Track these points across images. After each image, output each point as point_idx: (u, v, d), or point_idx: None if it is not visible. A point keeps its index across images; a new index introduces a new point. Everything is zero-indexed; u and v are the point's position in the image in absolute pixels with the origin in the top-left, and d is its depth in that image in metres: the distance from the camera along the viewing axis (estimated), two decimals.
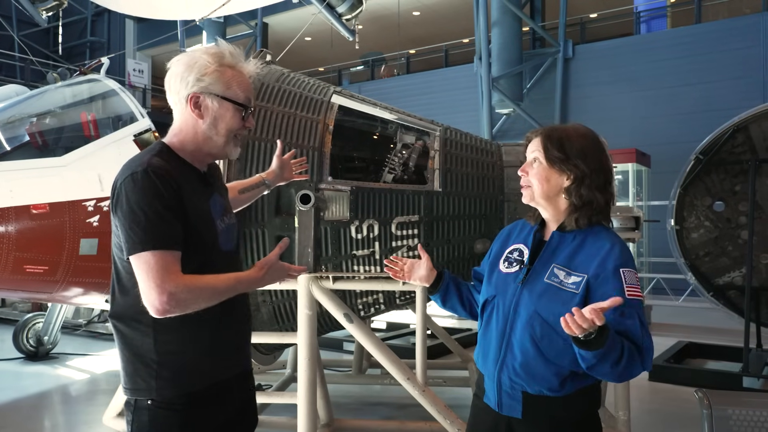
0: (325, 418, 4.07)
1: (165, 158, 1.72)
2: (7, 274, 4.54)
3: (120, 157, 5.12)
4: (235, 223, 1.93)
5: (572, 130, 1.86)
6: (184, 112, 1.78)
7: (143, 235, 1.58)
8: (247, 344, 1.95)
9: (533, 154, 1.86)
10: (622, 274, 1.70)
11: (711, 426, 2.05)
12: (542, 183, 1.82)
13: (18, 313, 8.45)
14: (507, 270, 1.87)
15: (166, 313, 1.58)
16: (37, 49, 15.88)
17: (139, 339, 1.69)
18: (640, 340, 1.65)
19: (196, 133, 1.78)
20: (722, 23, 13.90)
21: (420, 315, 3.63)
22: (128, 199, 1.61)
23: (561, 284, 1.74)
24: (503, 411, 1.80)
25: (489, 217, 3.77)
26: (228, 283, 1.68)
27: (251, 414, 1.97)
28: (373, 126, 4.07)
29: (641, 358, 1.64)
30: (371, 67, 20.88)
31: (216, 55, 1.76)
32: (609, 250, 1.74)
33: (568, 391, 1.75)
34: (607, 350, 1.56)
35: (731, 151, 6.35)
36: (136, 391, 1.69)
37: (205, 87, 1.74)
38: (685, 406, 5.04)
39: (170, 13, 8.87)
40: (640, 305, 1.70)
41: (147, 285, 1.57)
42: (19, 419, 4.78)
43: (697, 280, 6.65)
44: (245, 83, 1.80)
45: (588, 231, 1.81)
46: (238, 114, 1.78)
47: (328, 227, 3.55)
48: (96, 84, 5.81)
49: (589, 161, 1.80)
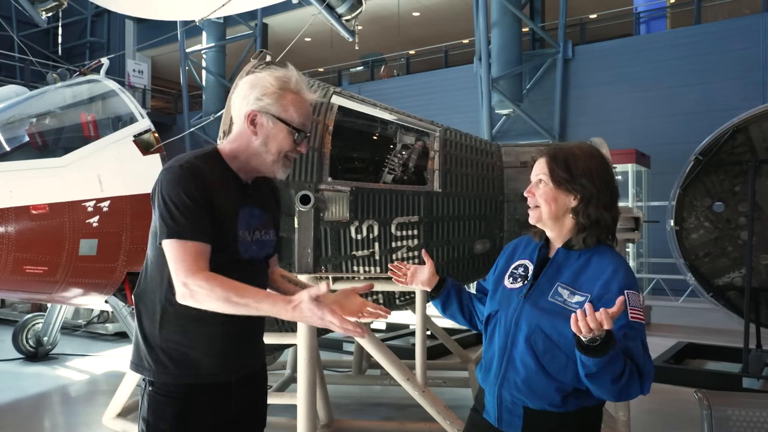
0: (324, 419, 4.07)
1: (207, 161, 1.83)
2: (7, 275, 4.54)
3: (120, 157, 5.13)
4: (273, 240, 1.96)
5: (577, 149, 1.85)
6: (241, 127, 1.86)
7: (173, 225, 1.70)
8: (255, 348, 1.94)
9: (538, 176, 1.85)
10: (626, 296, 1.68)
11: (711, 427, 2.04)
12: (550, 204, 1.81)
13: (17, 314, 8.44)
14: (512, 285, 1.88)
15: (183, 300, 1.68)
16: (36, 50, 15.87)
17: (148, 324, 1.80)
18: (642, 363, 1.64)
19: (249, 147, 1.85)
20: (722, 24, 13.91)
21: (420, 316, 3.64)
22: (161, 190, 1.74)
23: (565, 304, 1.74)
24: (503, 427, 1.80)
25: (489, 218, 3.77)
26: (247, 296, 1.64)
27: (257, 418, 1.97)
28: (372, 127, 4.07)
29: (641, 380, 1.63)
30: (371, 67, 20.88)
31: (280, 78, 1.84)
32: (614, 272, 1.74)
33: (570, 408, 1.74)
34: (609, 360, 1.54)
35: (731, 151, 6.35)
36: (138, 367, 1.81)
37: (264, 106, 1.82)
38: (685, 407, 5.03)
39: (170, 13, 8.87)
40: (643, 328, 1.69)
41: (173, 271, 1.69)
42: (19, 420, 4.77)
43: (697, 281, 6.65)
44: (303, 109, 1.86)
45: (593, 250, 1.80)
46: (290, 136, 1.84)
47: (328, 228, 3.55)
48: (96, 85, 5.81)
49: (596, 180, 1.79)
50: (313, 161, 3.56)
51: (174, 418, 1.76)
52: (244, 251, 1.83)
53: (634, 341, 1.65)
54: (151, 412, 1.77)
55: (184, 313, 1.73)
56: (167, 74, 25.49)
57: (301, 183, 3.52)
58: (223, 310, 1.65)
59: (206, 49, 20.44)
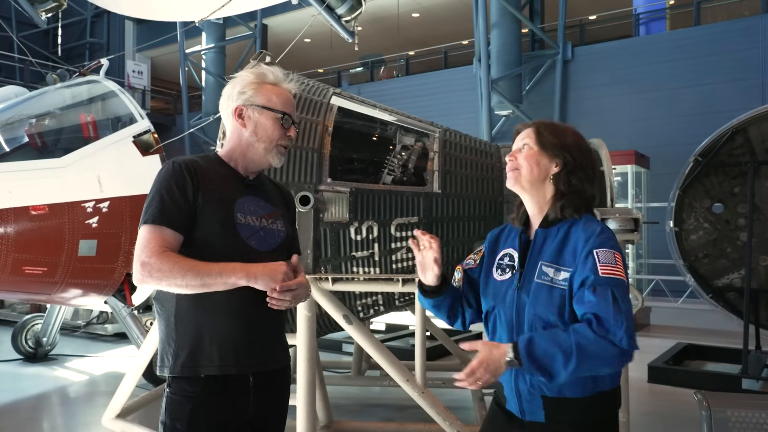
0: (324, 420, 4.07)
1: (205, 159, 1.92)
2: (6, 275, 4.54)
3: (119, 158, 5.13)
4: (283, 231, 1.96)
5: (564, 126, 1.88)
6: (232, 125, 1.95)
7: (145, 212, 1.79)
8: (272, 344, 1.92)
9: (523, 141, 1.85)
10: (595, 255, 1.66)
11: (710, 428, 2.04)
12: (532, 166, 1.80)
13: (17, 315, 8.44)
14: (501, 278, 1.85)
15: (141, 282, 1.74)
16: (36, 51, 15.82)
17: (166, 322, 1.85)
18: (606, 316, 1.58)
19: (241, 141, 1.93)
20: (721, 25, 13.92)
21: (419, 316, 3.64)
22: (153, 183, 1.84)
23: (552, 282, 1.72)
24: (526, 417, 1.79)
25: (488, 219, 3.77)
26: (210, 268, 1.71)
27: (275, 418, 1.95)
28: (372, 127, 4.07)
29: (608, 333, 1.56)
30: (370, 68, 20.89)
31: (258, 73, 1.95)
32: (587, 238, 1.71)
33: (588, 393, 1.73)
34: (529, 364, 1.58)
35: (730, 153, 6.36)
36: (162, 367, 1.86)
37: (247, 99, 1.92)
38: (684, 408, 5.03)
39: (170, 14, 8.87)
40: (619, 284, 1.63)
41: (135, 253, 1.76)
42: (18, 421, 4.77)
43: (696, 282, 6.65)
44: (285, 96, 1.95)
45: (570, 222, 1.78)
46: (278, 123, 1.92)
47: (328, 228, 3.55)
48: (95, 85, 5.81)
49: (582, 155, 1.81)
50: (312, 162, 3.56)
51: (189, 416, 1.78)
52: (247, 235, 1.84)
53: (601, 297, 1.60)
54: (168, 413, 1.81)
55: (197, 306, 1.79)
56: (167, 75, 25.50)
57: (300, 184, 3.52)
58: (191, 284, 1.70)
59: (206, 50, 20.45)
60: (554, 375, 1.60)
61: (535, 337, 1.62)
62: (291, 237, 2.00)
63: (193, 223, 1.80)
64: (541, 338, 1.62)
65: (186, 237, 1.79)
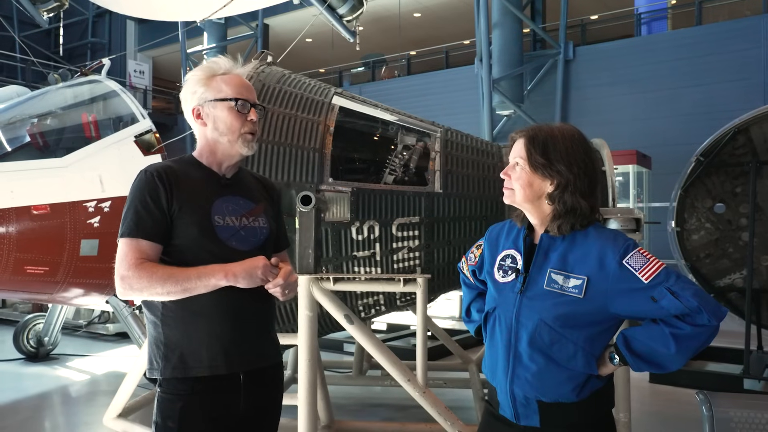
0: (325, 420, 4.07)
1: (180, 162, 1.92)
2: (8, 275, 4.54)
3: (121, 158, 5.13)
4: (266, 227, 1.95)
5: (558, 131, 1.79)
6: (196, 127, 1.94)
7: (121, 225, 1.81)
8: (260, 342, 1.92)
9: (515, 159, 1.81)
10: (627, 266, 1.66)
11: (712, 428, 2.04)
12: (524, 188, 1.78)
13: (18, 314, 8.44)
14: (503, 279, 1.83)
15: (123, 295, 1.77)
16: (38, 50, 15.86)
17: (154, 324, 1.86)
18: (687, 307, 1.64)
19: (207, 140, 1.93)
20: (723, 25, 13.91)
21: (420, 316, 3.63)
22: (128, 194, 1.84)
23: (562, 289, 1.71)
24: (521, 422, 1.78)
25: (490, 219, 3.76)
26: (189, 273, 1.74)
27: (268, 414, 1.96)
28: (373, 127, 4.07)
29: (694, 320, 1.66)
30: (372, 68, 20.90)
31: (206, 68, 1.94)
32: (602, 247, 1.71)
33: (584, 396, 1.73)
34: (635, 360, 1.70)
35: (732, 152, 6.35)
36: (151, 369, 1.86)
37: (200, 97, 1.90)
38: (686, 408, 5.03)
39: (171, 14, 8.88)
40: (664, 276, 1.66)
41: (116, 268, 1.77)
42: (20, 420, 4.78)
43: (698, 282, 6.64)
44: (234, 81, 1.92)
45: (576, 231, 1.77)
46: (234, 111, 1.89)
47: (329, 228, 3.55)
48: (97, 85, 5.81)
49: (573, 167, 1.74)
50: (314, 162, 3.56)
51: (180, 414, 1.78)
52: (227, 236, 1.84)
53: (664, 297, 1.64)
54: (160, 413, 1.81)
55: (184, 309, 1.79)
56: (168, 75, 25.51)
57: (302, 184, 3.52)
58: (171, 291, 1.73)
59: (207, 50, 20.45)
60: (664, 367, 1.73)
61: (628, 334, 1.74)
62: (275, 232, 1.99)
63: (171, 229, 1.80)
64: (637, 334, 1.73)
65: (165, 245, 1.80)
